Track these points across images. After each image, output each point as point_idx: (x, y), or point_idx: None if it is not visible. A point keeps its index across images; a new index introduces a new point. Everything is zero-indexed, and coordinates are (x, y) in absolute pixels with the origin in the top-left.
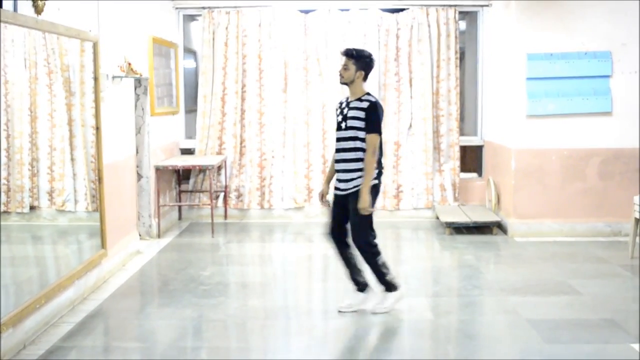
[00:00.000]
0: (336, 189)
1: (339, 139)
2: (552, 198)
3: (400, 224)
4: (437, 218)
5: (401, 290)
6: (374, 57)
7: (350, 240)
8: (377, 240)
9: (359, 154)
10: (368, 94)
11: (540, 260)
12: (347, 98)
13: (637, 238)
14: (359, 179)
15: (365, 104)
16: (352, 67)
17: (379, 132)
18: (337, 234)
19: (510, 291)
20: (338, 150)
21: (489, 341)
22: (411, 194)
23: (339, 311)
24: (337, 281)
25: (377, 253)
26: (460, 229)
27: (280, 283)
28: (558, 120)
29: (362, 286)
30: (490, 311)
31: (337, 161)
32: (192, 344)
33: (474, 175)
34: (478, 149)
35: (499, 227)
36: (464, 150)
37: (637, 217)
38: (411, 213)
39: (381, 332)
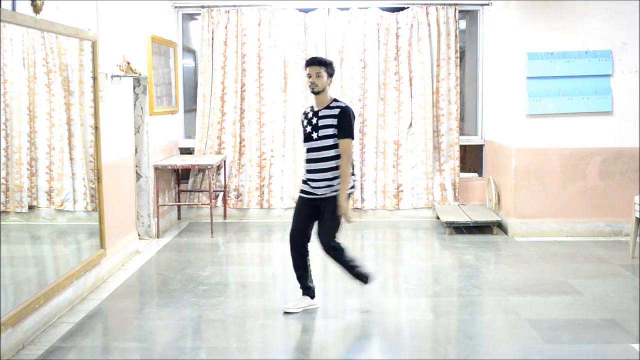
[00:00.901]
0: (306, 192)
1: (310, 150)
2: (553, 198)
3: (400, 224)
4: (437, 218)
5: (373, 277)
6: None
7: (309, 245)
8: (339, 240)
9: (336, 162)
10: (335, 100)
11: (541, 260)
12: (312, 108)
13: (638, 238)
14: (338, 185)
15: (336, 111)
16: (324, 74)
17: (352, 136)
18: (300, 237)
19: (511, 291)
20: (310, 161)
21: (489, 341)
22: (411, 193)
23: (285, 312)
24: (336, 281)
25: (342, 250)
26: (460, 228)
27: (279, 283)
28: (558, 120)
29: (312, 292)
30: (491, 311)
31: (311, 171)
32: (191, 344)
33: (474, 174)
34: (478, 149)
35: (499, 226)
36: (464, 149)
37: (638, 216)
38: (411, 213)
39: (381, 332)
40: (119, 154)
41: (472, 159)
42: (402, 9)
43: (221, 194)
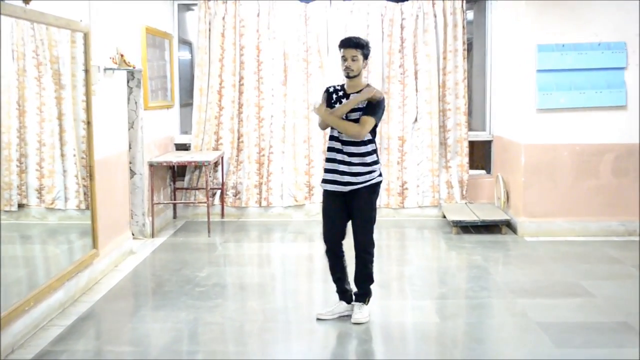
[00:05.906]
0: (335, 183)
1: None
2: (564, 196)
3: (405, 223)
4: (444, 216)
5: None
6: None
7: (343, 244)
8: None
9: (368, 147)
10: (369, 85)
11: (551, 261)
12: (342, 87)
13: None
14: (373, 173)
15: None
16: (360, 57)
17: (375, 117)
18: (337, 238)
19: (520, 293)
20: (339, 146)
21: (497, 345)
22: (416, 191)
23: (318, 318)
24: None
25: (373, 256)
26: (467, 228)
27: (279, 284)
28: (570, 115)
29: (349, 295)
30: (499, 314)
31: (341, 154)
32: (187, 347)
33: (482, 171)
34: (486, 145)
35: (508, 226)
36: (472, 145)
37: None
38: (416, 211)
39: (385, 335)
40: (112, 150)
41: (479, 155)
42: None
43: (218, 191)
